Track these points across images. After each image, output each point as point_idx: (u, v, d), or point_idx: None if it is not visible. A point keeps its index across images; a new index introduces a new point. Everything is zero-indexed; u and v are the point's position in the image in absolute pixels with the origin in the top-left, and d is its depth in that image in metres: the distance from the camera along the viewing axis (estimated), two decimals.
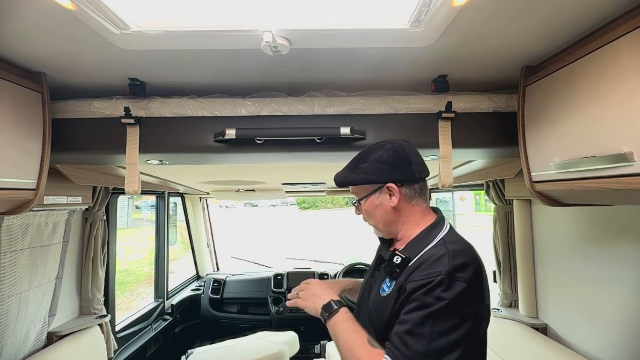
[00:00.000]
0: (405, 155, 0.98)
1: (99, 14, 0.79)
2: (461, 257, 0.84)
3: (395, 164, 0.97)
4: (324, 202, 26.04)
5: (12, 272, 1.50)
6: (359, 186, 1.02)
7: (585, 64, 0.90)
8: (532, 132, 1.12)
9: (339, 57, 1.05)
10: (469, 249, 0.89)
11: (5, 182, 1.00)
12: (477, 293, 0.84)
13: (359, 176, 0.99)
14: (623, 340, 1.36)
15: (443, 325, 0.78)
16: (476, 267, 0.85)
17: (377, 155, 0.98)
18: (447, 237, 0.93)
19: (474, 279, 0.83)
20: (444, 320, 0.78)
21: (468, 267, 0.83)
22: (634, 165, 0.78)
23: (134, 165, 1.22)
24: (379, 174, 0.97)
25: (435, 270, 0.82)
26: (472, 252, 0.89)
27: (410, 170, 0.97)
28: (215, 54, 1.00)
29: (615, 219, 1.41)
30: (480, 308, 0.84)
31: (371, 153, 0.99)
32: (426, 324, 0.78)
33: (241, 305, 3.65)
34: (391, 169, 0.97)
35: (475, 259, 0.87)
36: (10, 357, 1.50)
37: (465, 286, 0.80)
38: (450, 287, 0.79)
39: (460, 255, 0.85)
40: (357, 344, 0.85)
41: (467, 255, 0.86)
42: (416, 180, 0.99)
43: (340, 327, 0.89)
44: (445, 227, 0.96)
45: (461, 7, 0.78)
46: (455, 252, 0.85)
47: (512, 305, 2.08)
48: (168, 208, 3.27)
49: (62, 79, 1.18)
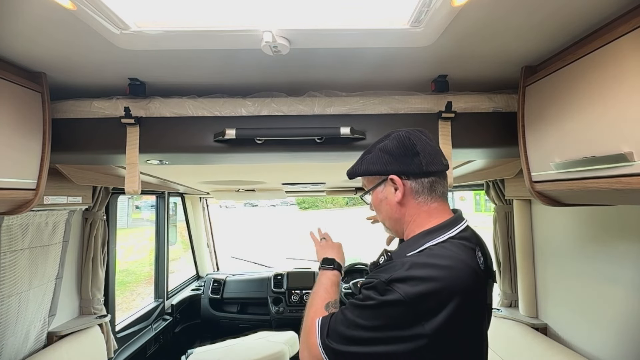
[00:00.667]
0: (412, 144, 0.87)
1: (99, 14, 0.79)
2: (416, 271, 0.74)
3: (398, 154, 0.87)
4: (324, 202, 26.05)
5: (12, 272, 1.50)
6: (366, 178, 0.96)
7: (585, 64, 0.90)
8: (532, 132, 1.12)
9: (339, 57, 1.05)
10: (442, 266, 0.74)
11: (5, 182, 1.00)
12: (416, 313, 0.71)
13: (363, 166, 0.93)
14: (623, 340, 1.36)
15: (362, 321, 0.76)
16: (430, 288, 0.71)
17: (382, 145, 0.90)
18: (433, 248, 0.80)
19: (417, 298, 0.71)
20: (366, 317, 0.76)
21: (416, 282, 0.72)
22: (634, 165, 0.78)
23: (134, 165, 1.22)
24: (380, 164, 0.89)
25: (380, 275, 0.77)
26: (443, 271, 0.73)
27: (416, 162, 0.86)
28: (215, 54, 1.00)
29: (615, 219, 1.41)
30: (413, 329, 0.72)
31: (378, 142, 0.93)
32: (353, 311, 0.79)
33: (241, 305, 3.65)
34: (394, 159, 0.88)
35: (438, 279, 0.72)
36: (10, 357, 1.50)
37: (399, 298, 0.71)
38: (385, 293, 0.73)
39: (417, 269, 0.74)
40: (318, 299, 0.95)
41: (429, 271, 0.73)
42: (424, 174, 0.87)
43: (322, 279, 1.02)
44: (444, 235, 0.82)
45: (461, 7, 0.78)
46: (415, 264, 0.75)
47: (512, 305, 2.08)
48: (168, 208, 3.27)
49: (62, 79, 1.18)
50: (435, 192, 0.88)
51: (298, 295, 3.41)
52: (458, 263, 0.76)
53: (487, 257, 0.88)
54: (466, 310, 0.74)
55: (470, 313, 0.76)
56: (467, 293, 0.74)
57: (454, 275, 0.74)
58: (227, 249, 4.99)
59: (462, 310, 0.73)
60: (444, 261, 0.76)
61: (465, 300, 0.73)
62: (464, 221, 0.88)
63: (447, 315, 0.71)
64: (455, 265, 0.75)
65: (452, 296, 0.72)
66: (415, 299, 0.71)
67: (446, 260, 0.76)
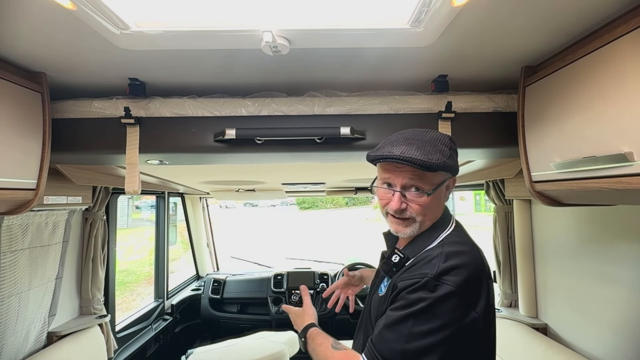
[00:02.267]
0: (456, 148, 0.93)
1: (99, 14, 0.79)
2: (453, 260, 0.79)
3: (456, 154, 0.92)
4: (324, 202, 26.04)
5: (12, 272, 1.50)
6: (432, 173, 0.85)
7: (585, 64, 0.90)
8: (532, 132, 1.12)
9: (339, 57, 1.05)
10: (468, 251, 0.83)
11: (5, 182, 1.00)
12: (467, 299, 0.76)
13: (443, 159, 0.84)
14: (623, 340, 1.36)
15: (422, 327, 0.74)
16: (470, 272, 0.78)
17: (447, 140, 0.89)
18: (449, 237, 0.87)
19: (465, 284, 0.76)
20: (424, 322, 0.74)
21: (459, 270, 0.77)
22: (634, 165, 0.78)
23: (134, 165, 1.22)
24: (454, 162, 0.89)
25: (423, 272, 0.79)
26: (470, 255, 0.82)
27: (458, 163, 0.93)
28: (215, 54, 1.00)
29: (615, 219, 1.41)
30: (469, 316, 0.75)
31: (440, 137, 0.89)
32: (406, 322, 0.76)
33: (241, 305, 3.64)
34: (456, 159, 0.91)
35: (471, 263, 0.80)
36: (10, 357, 1.50)
37: (452, 289, 0.75)
38: (435, 289, 0.75)
39: (454, 258, 0.79)
40: (321, 347, 0.94)
41: (463, 258, 0.79)
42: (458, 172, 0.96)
43: (312, 337, 1.01)
44: (449, 227, 0.90)
45: (461, 7, 0.78)
46: (449, 254, 0.80)
47: (512, 305, 2.08)
48: (168, 208, 3.27)
49: (62, 79, 1.18)
50: None
51: (298, 295, 3.40)
52: (474, 246, 0.86)
53: None
54: (491, 287, 0.84)
55: (491, 289, 0.84)
56: (488, 271, 0.84)
57: (479, 257, 0.84)
58: (227, 249, 4.99)
59: (490, 288, 0.82)
60: (467, 247, 0.84)
61: (489, 277, 0.83)
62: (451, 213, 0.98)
63: (486, 292, 0.80)
64: (474, 249, 0.86)
65: (484, 276, 0.81)
66: (464, 286, 0.76)
67: (467, 246, 0.85)
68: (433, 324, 0.74)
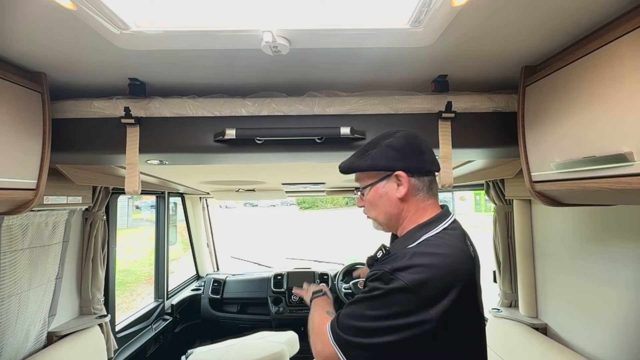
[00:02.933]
0: (418, 144, 0.94)
1: (99, 14, 0.79)
2: (417, 259, 0.79)
3: (406, 151, 0.92)
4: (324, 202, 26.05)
5: (12, 272, 1.50)
6: (365, 173, 0.98)
7: (585, 64, 0.90)
8: (532, 132, 1.12)
9: (339, 57, 1.05)
10: (439, 254, 0.80)
11: (5, 182, 1.00)
12: (421, 298, 0.76)
13: (366, 162, 0.94)
14: (623, 340, 1.36)
15: (371, 312, 0.80)
16: (432, 274, 0.77)
17: (388, 141, 0.93)
18: (431, 239, 0.85)
19: (421, 284, 0.76)
20: (374, 308, 0.80)
21: (418, 269, 0.77)
22: (634, 165, 0.78)
23: (134, 165, 1.22)
24: (387, 160, 0.92)
25: (385, 266, 0.82)
26: (440, 259, 0.79)
27: (422, 160, 0.93)
28: (215, 54, 1.00)
29: (615, 219, 1.41)
30: (420, 315, 0.75)
31: (382, 139, 0.95)
32: (361, 304, 0.83)
33: (241, 305, 3.64)
34: (402, 156, 0.92)
35: (437, 266, 0.78)
36: (10, 357, 1.50)
37: (403, 285, 0.76)
38: (389, 282, 0.78)
39: (418, 258, 0.79)
40: (318, 311, 1.05)
41: (428, 259, 0.79)
42: (426, 173, 0.94)
43: (316, 301, 1.12)
44: (437, 229, 0.88)
45: (461, 7, 0.78)
46: (415, 253, 0.81)
47: (512, 305, 2.08)
48: (168, 208, 3.27)
49: (62, 79, 1.18)
50: (431, 190, 0.96)
51: (298, 295, 3.40)
52: (456, 251, 0.83)
53: (474, 245, 0.95)
54: (467, 294, 0.80)
55: (471, 297, 0.82)
56: (467, 278, 0.81)
57: (454, 262, 0.80)
58: (227, 249, 4.99)
59: (464, 295, 0.78)
60: (443, 249, 0.82)
61: (466, 284, 0.79)
62: (452, 215, 0.95)
63: (452, 300, 0.76)
64: (453, 253, 0.82)
65: (455, 281, 0.78)
66: (418, 286, 0.76)
67: (445, 249, 0.82)
68: (381, 311, 0.79)
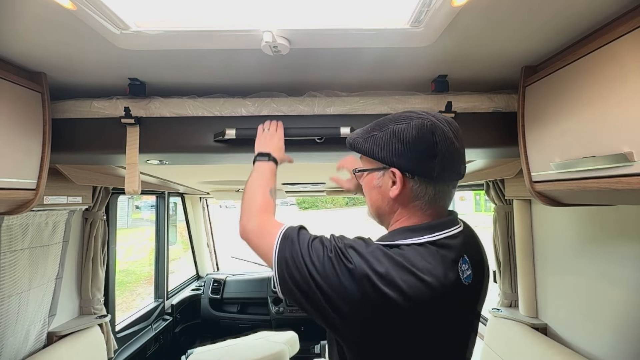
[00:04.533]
0: (431, 142, 0.73)
1: (99, 14, 0.79)
2: (373, 255, 0.69)
3: (412, 148, 0.74)
4: (324, 202, 26.04)
5: (12, 272, 1.50)
6: (364, 158, 0.86)
7: (585, 64, 0.90)
8: (532, 132, 1.12)
9: (339, 57, 1.05)
10: (398, 271, 0.67)
11: (5, 182, 1.00)
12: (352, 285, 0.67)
13: (367, 144, 0.80)
14: (623, 340, 1.36)
15: (315, 262, 0.71)
16: (374, 280, 0.66)
17: (397, 128, 0.76)
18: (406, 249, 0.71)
19: (364, 277, 0.67)
20: (317, 258, 0.71)
21: (368, 264, 0.68)
22: (634, 165, 0.78)
23: (134, 165, 1.22)
24: (388, 152, 0.76)
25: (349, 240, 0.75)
26: (396, 280, 0.66)
27: (430, 166, 0.73)
28: (215, 54, 1.00)
29: (615, 219, 1.41)
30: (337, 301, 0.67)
31: (392, 122, 0.78)
32: (315, 246, 0.74)
33: (241, 305, 3.65)
34: (405, 151, 0.74)
35: (386, 282, 0.66)
36: (10, 357, 1.50)
37: (350, 266, 0.68)
38: (342, 252, 0.70)
39: (376, 256, 0.69)
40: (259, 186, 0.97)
41: (383, 268, 0.67)
42: (433, 181, 0.75)
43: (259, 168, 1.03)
44: (422, 238, 0.72)
45: (461, 7, 0.78)
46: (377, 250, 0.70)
47: (512, 305, 2.08)
48: (168, 208, 3.27)
49: (62, 79, 1.18)
50: (437, 202, 0.77)
51: None
52: (419, 276, 0.67)
53: (478, 268, 0.78)
54: (406, 323, 0.68)
55: (413, 327, 0.69)
56: (419, 308, 0.67)
57: (406, 289, 0.66)
58: (227, 249, 4.99)
59: (399, 321, 0.67)
60: (403, 269, 0.67)
61: (413, 314, 0.67)
62: (455, 227, 0.78)
63: (377, 321, 0.67)
64: (412, 281, 0.67)
65: (393, 307, 0.66)
66: (361, 275, 0.67)
67: (405, 271, 0.67)
68: (319, 265, 0.71)
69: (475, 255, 0.79)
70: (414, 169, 0.75)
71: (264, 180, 0.99)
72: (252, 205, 0.93)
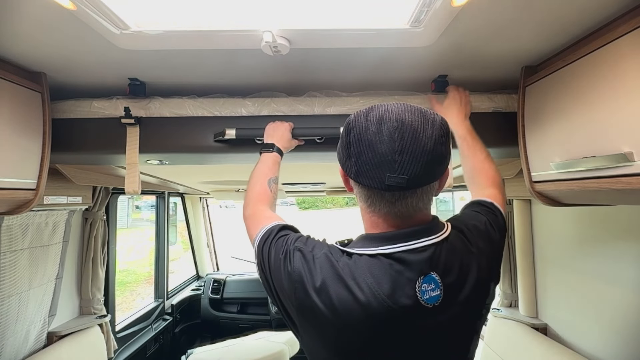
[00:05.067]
0: (347, 140, 0.67)
1: (99, 14, 0.79)
2: (314, 256, 0.69)
3: (340, 145, 0.71)
4: (324, 202, 26.03)
5: (12, 272, 1.50)
6: None
7: (585, 64, 0.90)
8: (532, 132, 1.12)
9: (339, 57, 1.05)
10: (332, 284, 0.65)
11: (5, 182, 1.00)
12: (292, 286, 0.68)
13: None
14: (623, 340, 1.36)
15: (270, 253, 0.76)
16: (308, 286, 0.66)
17: (346, 120, 0.72)
18: (354, 259, 0.67)
19: (298, 278, 0.68)
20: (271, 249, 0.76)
21: (306, 266, 0.68)
22: (634, 165, 0.78)
23: (134, 165, 1.22)
24: (339, 150, 0.73)
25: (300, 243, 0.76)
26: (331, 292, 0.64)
27: (350, 165, 0.67)
28: (215, 54, 1.00)
29: (615, 219, 1.41)
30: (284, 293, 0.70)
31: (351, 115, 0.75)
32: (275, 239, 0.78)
33: (241, 305, 3.65)
34: (339, 148, 0.72)
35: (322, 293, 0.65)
36: (10, 357, 1.50)
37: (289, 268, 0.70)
38: (289, 252, 0.72)
39: (317, 260, 0.69)
40: (261, 175, 1.02)
41: (320, 274, 0.66)
42: (357, 181, 0.68)
43: (263, 159, 1.08)
44: (376, 249, 0.66)
45: (461, 7, 0.77)
46: (323, 253, 0.70)
47: (512, 305, 2.08)
48: (168, 208, 3.27)
49: (62, 79, 1.18)
50: (374, 207, 0.69)
51: None
52: (353, 293, 0.63)
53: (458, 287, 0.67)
54: (336, 337, 0.65)
55: (344, 342, 0.66)
56: (348, 325, 0.64)
57: (336, 303, 0.63)
58: (227, 249, 4.99)
59: (328, 333, 0.66)
60: (340, 283, 0.64)
61: (342, 330, 0.64)
62: (421, 239, 0.67)
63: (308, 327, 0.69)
64: (345, 296, 0.63)
65: (322, 317, 0.65)
66: (296, 280, 0.68)
67: (341, 284, 0.64)
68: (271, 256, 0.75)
69: (455, 271, 0.67)
70: (344, 169, 0.70)
71: (265, 170, 1.05)
72: (252, 193, 0.99)
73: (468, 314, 0.70)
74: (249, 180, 1.04)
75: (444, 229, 0.71)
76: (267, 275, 0.76)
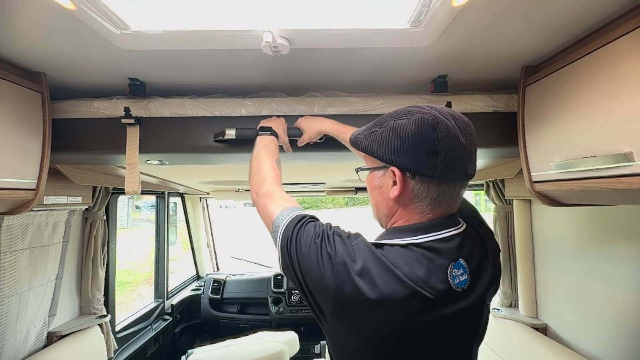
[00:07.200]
0: (432, 138, 0.67)
1: (99, 14, 0.79)
2: (356, 247, 0.69)
3: (411, 145, 0.69)
4: (324, 202, 26.02)
5: (12, 272, 1.50)
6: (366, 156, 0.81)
7: (585, 64, 0.90)
8: (532, 132, 1.12)
9: (339, 57, 1.05)
10: (374, 274, 0.66)
11: (5, 182, 1.00)
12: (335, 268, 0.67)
13: (367, 141, 0.76)
14: (623, 340, 1.36)
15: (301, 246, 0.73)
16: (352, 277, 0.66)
17: (397, 123, 0.71)
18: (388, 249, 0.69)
19: (342, 263, 0.67)
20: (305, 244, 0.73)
21: (350, 253, 0.68)
22: (634, 165, 0.78)
23: (134, 165, 1.22)
24: (386, 149, 0.72)
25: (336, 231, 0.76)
26: (372, 281, 0.66)
27: (431, 163, 0.68)
28: (215, 54, 1.00)
29: (615, 219, 1.41)
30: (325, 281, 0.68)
31: (393, 118, 0.74)
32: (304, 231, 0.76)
33: (241, 305, 3.65)
34: (405, 149, 0.69)
35: (363, 279, 0.66)
36: (10, 357, 1.50)
37: (331, 251, 0.69)
38: (329, 235, 0.72)
39: (358, 252, 0.68)
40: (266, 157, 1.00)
41: (362, 266, 0.66)
42: (435, 180, 0.69)
43: (262, 141, 1.06)
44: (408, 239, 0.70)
45: (461, 7, 0.77)
46: (361, 244, 0.70)
47: (512, 305, 2.08)
48: (168, 208, 3.27)
49: (62, 79, 1.18)
50: (439, 205, 0.72)
51: (298, 295, 3.41)
52: (396, 275, 0.66)
53: (479, 271, 0.74)
54: (376, 320, 0.66)
55: (383, 325, 0.67)
56: (391, 307, 0.65)
57: (380, 285, 0.65)
58: (227, 249, 4.99)
59: (368, 316, 0.66)
60: (382, 266, 0.67)
61: (384, 312, 0.65)
62: (450, 229, 0.73)
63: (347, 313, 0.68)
64: (388, 278, 0.66)
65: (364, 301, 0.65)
66: (339, 262, 0.68)
67: (383, 267, 0.66)
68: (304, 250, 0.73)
69: (477, 258, 0.74)
70: (414, 167, 0.70)
71: (270, 150, 1.02)
72: (263, 172, 0.95)
73: (484, 299, 0.76)
74: (252, 161, 1.01)
75: (460, 220, 0.79)
76: (292, 257, 0.73)
